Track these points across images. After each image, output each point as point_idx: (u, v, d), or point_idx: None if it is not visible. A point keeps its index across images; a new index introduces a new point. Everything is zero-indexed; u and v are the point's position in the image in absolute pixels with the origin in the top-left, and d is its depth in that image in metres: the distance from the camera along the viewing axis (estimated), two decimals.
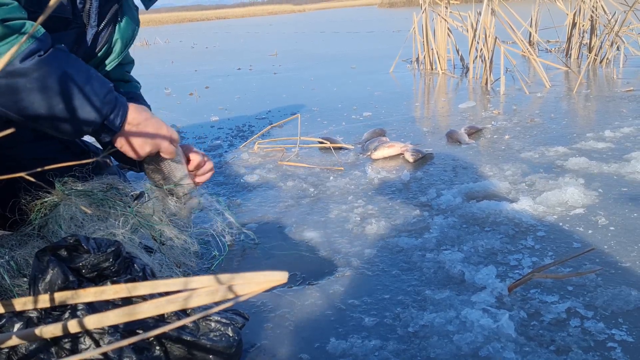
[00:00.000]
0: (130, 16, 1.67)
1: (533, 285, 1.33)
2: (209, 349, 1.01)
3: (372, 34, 11.80)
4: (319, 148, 2.77)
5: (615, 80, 4.11)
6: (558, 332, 1.15)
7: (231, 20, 39.50)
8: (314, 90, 4.77)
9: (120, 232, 1.32)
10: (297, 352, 1.16)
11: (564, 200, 1.82)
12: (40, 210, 1.37)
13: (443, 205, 1.88)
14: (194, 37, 17.42)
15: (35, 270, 0.99)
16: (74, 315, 0.94)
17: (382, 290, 1.38)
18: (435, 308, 1.27)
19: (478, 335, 1.15)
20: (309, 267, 1.53)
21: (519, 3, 6.78)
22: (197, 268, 1.52)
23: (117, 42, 1.64)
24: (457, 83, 4.66)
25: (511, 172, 2.16)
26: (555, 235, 1.60)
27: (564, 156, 2.30)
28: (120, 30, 1.64)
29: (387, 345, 1.15)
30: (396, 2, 35.92)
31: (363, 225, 1.77)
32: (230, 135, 3.27)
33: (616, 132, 2.59)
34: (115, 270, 1.04)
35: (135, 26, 1.70)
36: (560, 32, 6.00)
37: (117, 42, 1.64)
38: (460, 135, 2.71)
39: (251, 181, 2.32)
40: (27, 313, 0.94)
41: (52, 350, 0.92)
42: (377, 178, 2.22)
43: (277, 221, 1.87)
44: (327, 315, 1.28)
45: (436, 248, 1.58)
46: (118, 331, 0.95)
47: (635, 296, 1.25)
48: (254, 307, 1.33)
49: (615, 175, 2.04)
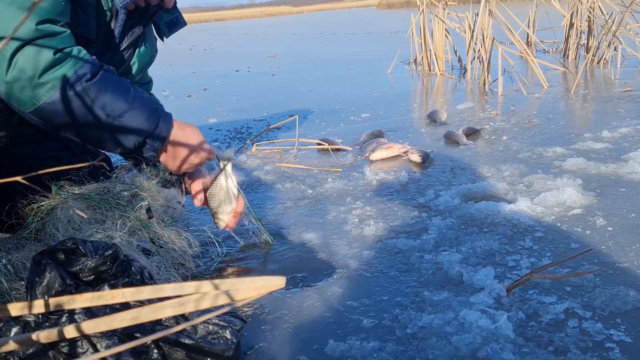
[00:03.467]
0: (151, 44, 1.82)
1: (531, 286, 1.33)
2: (207, 352, 1.01)
3: (370, 35, 11.81)
4: (317, 150, 2.77)
5: (613, 81, 4.12)
6: (556, 332, 1.15)
7: (229, 22, 39.52)
8: (312, 92, 4.77)
9: (118, 235, 1.32)
10: (295, 354, 1.15)
11: (562, 201, 1.82)
12: (37, 213, 1.36)
13: (441, 207, 1.88)
14: (192, 39, 17.42)
15: (32, 273, 0.99)
16: (72, 319, 0.94)
17: (380, 291, 1.38)
18: (433, 309, 1.27)
19: (476, 337, 1.15)
20: (307, 269, 1.53)
21: (517, 4, 6.79)
22: (195, 271, 1.52)
23: (134, 65, 1.78)
24: (455, 84, 4.67)
25: (509, 173, 2.16)
26: (553, 236, 1.60)
27: (561, 157, 2.31)
28: (140, 54, 1.77)
29: (386, 347, 1.15)
30: (394, 3, 35.95)
31: (361, 226, 1.77)
32: (228, 137, 3.27)
33: (614, 133, 2.59)
34: (113, 274, 1.04)
35: (153, 52, 1.85)
36: (557, 33, 6.01)
37: (135, 64, 1.78)
38: (458, 136, 2.71)
39: (249, 183, 2.31)
40: (24, 317, 0.94)
41: (49, 354, 0.92)
42: (375, 179, 2.22)
43: (275, 223, 1.87)
44: (325, 317, 1.28)
45: (434, 249, 1.58)
46: (116, 335, 0.95)
47: (634, 296, 1.25)
48: (252, 309, 1.33)
49: (613, 176, 2.04)
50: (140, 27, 1.68)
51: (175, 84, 6.10)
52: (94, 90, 1.31)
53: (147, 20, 1.69)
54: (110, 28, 1.59)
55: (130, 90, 1.39)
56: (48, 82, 1.27)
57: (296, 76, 5.99)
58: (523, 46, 4.49)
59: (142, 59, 1.79)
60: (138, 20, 1.66)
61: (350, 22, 19.68)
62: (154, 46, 1.85)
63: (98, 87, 1.32)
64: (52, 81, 1.27)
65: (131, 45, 1.70)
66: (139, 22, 1.67)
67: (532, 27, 5.87)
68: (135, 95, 1.39)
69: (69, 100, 1.29)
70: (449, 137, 2.75)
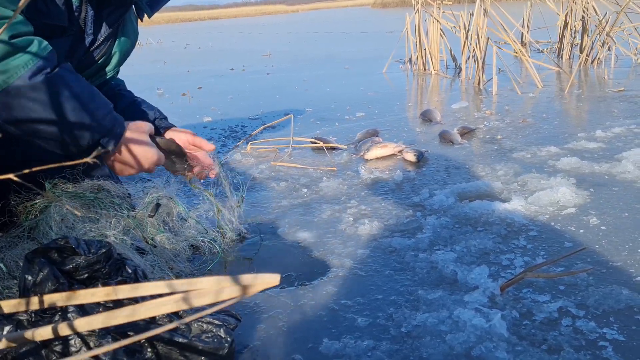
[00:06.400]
0: (131, 30, 1.73)
1: (525, 284, 1.34)
2: (201, 351, 1.01)
3: (366, 34, 11.81)
4: (312, 148, 2.77)
5: (607, 81, 4.14)
6: (550, 331, 1.16)
7: (224, 21, 39.42)
8: (307, 91, 4.77)
9: (112, 234, 1.31)
10: (290, 352, 1.15)
11: (555, 200, 1.83)
12: (30, 211, 1.36)
13: (436, 206, 1.88)
14: (186, 37, 17.37)
15: (25, 272, 0.98)
16: (65, 317, 0.93)
17: (375, 290, 1.38)
18: (428, 308, 1.27)
19: (470, 335, 1.15)
20: (302, 268, 1.53)
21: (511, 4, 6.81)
22: (189, 269, 1.51)
23: (115, 54, 1.70)
24: (449, 83, 4.68)
25: (503, 172, 2.17)
26: (547, 235, 1.61)
27: (555, 156, 2.32)
28: (120, 44, 1.69)
29: (380, 346, 1.15)
30: (389, 2, 35.96)
31: (356, 225, 1.77)
32: (223, 135, 3.27)
33: (607, 132, 2.60)
34: (106, 272, 1.04)
35: (134, 39, 1.76)
36: (552, 33, 6.03)
37: (116, 54, 1.70)
38: (452, 135, 2.72)
39: (244, 182, 2.31)
40: (17, 316, 0.93)
41: (42, 352, 0.91)
42: (370, 178, 2.22)
43: (269, 222, 1.87)
44: (320, 315, 1.28)
45: (429, 248, 1.58)
46: (109, 333, 0.94)
47: (626, 295, 1.25)
48: (247, 308, 1.33)
49: (606, 175, 2.05)
50: (120, 13, 1.61)
51: (170, 82, 6.08)
52: (50, 85, 1.23)
53: (126, 5, 1.61)
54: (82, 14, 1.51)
55: (87, 87, 1.34)
56: (2, 73, 1.18)
57: (291, 75, 5.99)
58: (518, 46, 4.50)
59: (124, 47, 1.70)
60: (116, 7, 1.58)
61: (345, 21, 19.68)
62: (135, 33, 1.76)
63: (56, 80, 1.25)
64: (7, 72, 1.18)
65: (111, 35, 1.63)
66: (118, 9, 1.59)
67: (526, 26, 5.88)
68: (92, 93, 1.34)
69: (22, 95, 1.21)
70: (443, 136, 2.76)
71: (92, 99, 1.33)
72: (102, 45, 1.61)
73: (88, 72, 1.62)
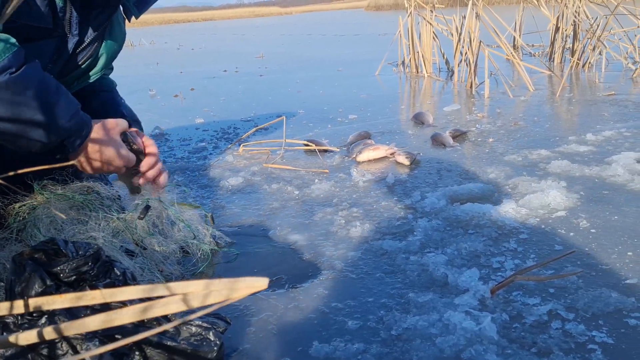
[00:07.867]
0: (119, 32, 1.70)
1: (515, 287, 1.34)
2: (190, 354, 1.00)
3: (359, 37, 11.84)
4: (304, 151, 2.76)
5: (597, 84, 4.17)
6: (540, 334, 1.16)
7: (217, 22, 39.39)
8: (300, 93, 4.77)
9: (101, 236, 1.30)
10: (280, 356, 1.15)
11: (546, 203, 1.84)
12: (18, 213, 1.34)
13: (427, 208, 1.89)
14: (179, 38, 17.33)
15: (12, 274, 0.97)
16: (52, 320, 0.92)
17: (365, 293, 1.38)
18: (418, 311, 1.27)
19: (460, 338, 1.15)
20: (292, 270, 1.52)
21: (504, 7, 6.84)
22: (179, 272, 1.50)
23: (102, 56, 1.67)
24: (442, 86, 4.69)
25: (495, 175, 2.17)
26: (538, 238, 1.61)
27: (546, 159, 2.33)
28: (107, 46, 1.66)
29: (370, 349, 1.15)
30: (383, 5, 36.09)
31: (347, 228, 1.77)
32: (215, 137, 3.26)
33: (598, 136, 2.62)
34: (94, 275, 1.03)
35: (121, 41, 1.73)
36: (543, 37, 6.07)
37: (102, 56, 1.67)
38: (444, 138, 2.73)
39: (235, 184, 2.30)
40: (3, 318, 0.92)
41: (28, 356, 0.90)
42: (362, 181, 2.22)
43: (261, 224, 1.86)
44: (310, 318, 1.28)
45: (420, 251, 1.58)
46: (96, 337, 0.93)
47: (616, 298, 1.26)
48: (236, 310, 1.32)
49: (596, 178, 2.06)
50: (107, 15, 1.59)
51: (162, 83, 6.06)
52: (17, 84, 1.22)
53: (113, 7, 1.59)
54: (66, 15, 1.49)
55: (53, 87, 1.32)
56: None
57: (284, 77, 5.99)
58: (509, 49, 4.53)
59: (110, 49, 1.68)
60: (102, 9, 1.57)
61: (338, 24, 19.71)
62: (122, 34, 1.74)
63: (21, 80, 1.23)
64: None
65: (98, 37, 1.61)
66: (104, 10, 1.57)
67: (518, 30, 5.92)
68: (58, 93, 1.32)
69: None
70: (435, 139, 2.76)
71: (57, 98, 1.31)
72: (88, 47, 1.58)
73: (75, 74, 1.60)
